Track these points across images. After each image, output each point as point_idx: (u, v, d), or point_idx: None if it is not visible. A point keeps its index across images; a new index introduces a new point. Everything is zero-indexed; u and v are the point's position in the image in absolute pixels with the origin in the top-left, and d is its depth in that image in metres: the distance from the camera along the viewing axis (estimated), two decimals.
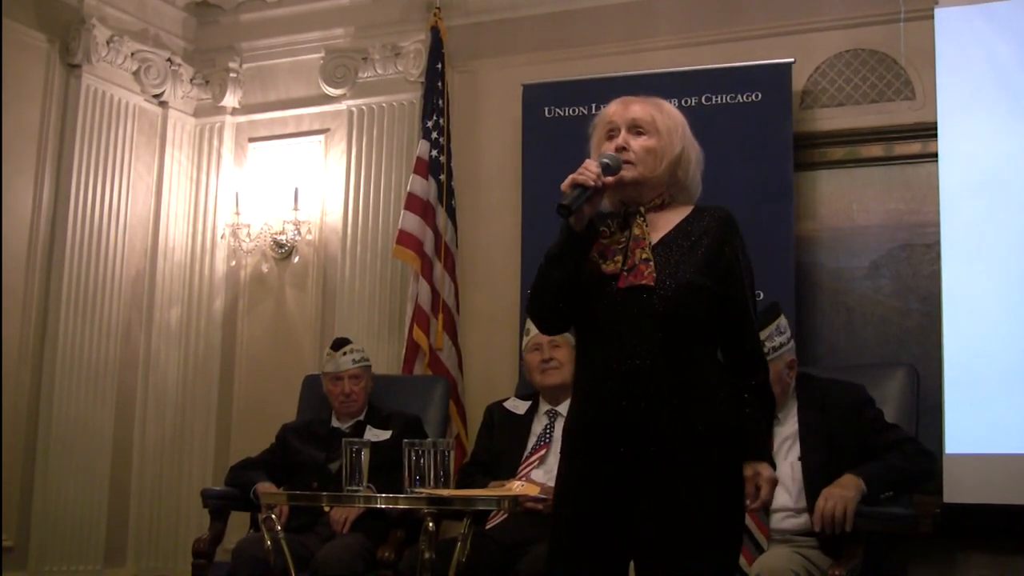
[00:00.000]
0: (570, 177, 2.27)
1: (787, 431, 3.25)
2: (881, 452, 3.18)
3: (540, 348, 3.77)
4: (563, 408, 3.67)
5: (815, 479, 3.12)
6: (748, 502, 2.28)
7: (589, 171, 2.27)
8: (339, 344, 4.23)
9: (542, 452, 3.67)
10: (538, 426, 3.79)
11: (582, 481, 2.32)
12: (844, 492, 3.00)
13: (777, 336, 3.26)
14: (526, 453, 3.72)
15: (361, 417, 4.13)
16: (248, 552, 3.64)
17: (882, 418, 3.27)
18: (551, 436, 3.69)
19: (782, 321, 3.31)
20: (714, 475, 2.24)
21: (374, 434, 3.94)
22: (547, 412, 3.80)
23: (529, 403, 3.88)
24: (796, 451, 3.21)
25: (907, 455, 3.18)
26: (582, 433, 2.34)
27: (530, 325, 3.76)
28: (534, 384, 3.86)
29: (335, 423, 4.14)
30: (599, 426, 2.29)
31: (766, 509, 2.34)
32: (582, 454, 2.33)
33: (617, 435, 2.26)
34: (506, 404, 3.94)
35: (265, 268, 5.68)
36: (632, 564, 2.31)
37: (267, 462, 4.07)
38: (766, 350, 3.11)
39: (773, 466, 2.30)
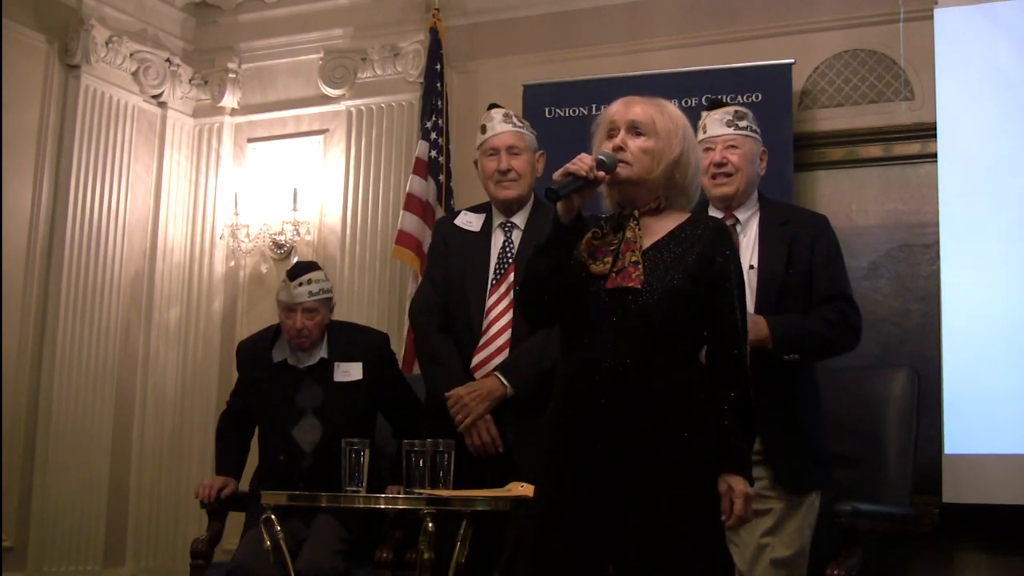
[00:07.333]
0: (563, 167, 2.32)
1: (746, 240, 3.13)
2: (815, 303, 3.07)
3: (497, 154, 3.47)
4: (519, 220, 3.48)
5: (769, 291, 3.03)
6: (724, 518, 2.28)
7: (582, 162, 2.31)
8: (297, 272, 3.84)
9: (510, 276, 3.38)
10: (496, 241, 3.49)
11: (561, 478, 2.33)
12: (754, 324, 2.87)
13: (753, 122, 3.19)
14: (490, 278, 3.43)
15: (324, 353, 3.83)
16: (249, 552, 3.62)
17: (834, 257, 3.14)
18: (512, 252, 3.42)
19: (751, 116, 3.21)
20: (692, 474, 2.26)
21: (343, 371, 3.78)
22: (501, 225, 3.51)
23: (483, 216, 3.54)
24: (752, 258, 3.09)
25: (830, 323, 3.05)
26: (561, 429, 2.36)
27: (485, 121, 3.53)
28: (488, 193, 3.54)
29: (292, 360, 3.85)
30: (578, 423, 2.31)
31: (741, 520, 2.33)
32: (561, 451, 2.35)
33: (596, 433, 2.28)
34: (457, 221, 3.58)
35: (264, 268, 5.68)
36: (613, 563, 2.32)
37: (238, 412, 3.98)
38: (744, 125, 3.13)
39: (751, 482, 2.31)
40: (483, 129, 3.54)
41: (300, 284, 3.78)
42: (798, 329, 3.02)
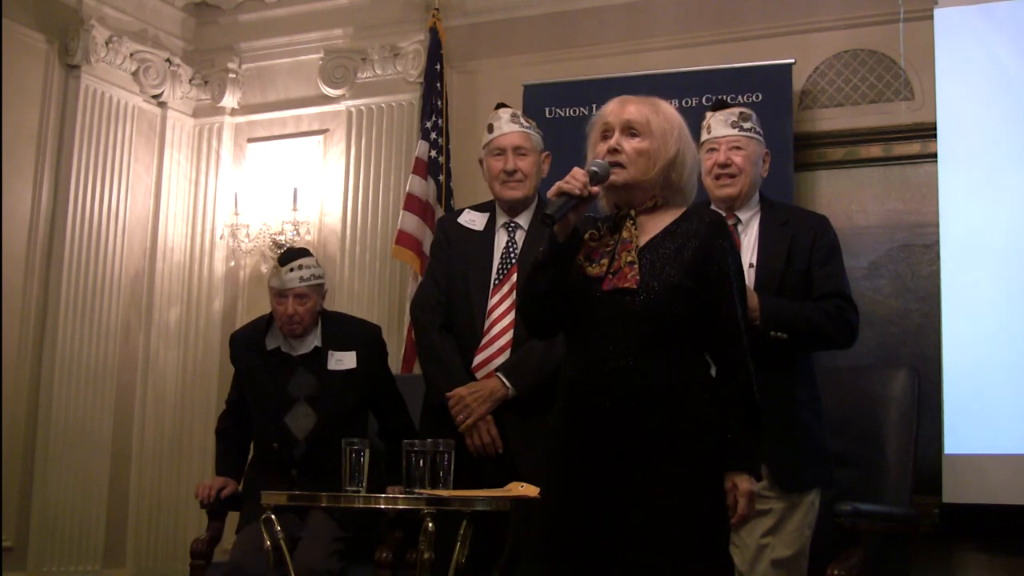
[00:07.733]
0: (556, 185, 2.29)
1: (747, 240, 3.15)
2: (813, 299, 3.08)
3: (503, 154, 3.46)
4: (523, 220, 3.47)
5: (767, 289, 3.04)
6: (729, 514, 2.28)
7: (576, 179, 2.28)
8: (288, 258, 3.82)
9: (513, 276, 3.37)
10: (499, 241, 3.48)
11: (566, 479, 2.33)
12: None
13: (757, 124, 3.20)
14: (493, 278, 3.42)
15: (318, 342, 3.82)
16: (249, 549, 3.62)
17: (833, 256, 3.15)
18: (515, 253, 3.41)
19: (755, 118, 3.23)
20: (695, 474, 2.25)
21: (337, 360, 3.78)
22: (505, 225, 3.50)
23: (487, 215, 3.54)
24: (752, 257, 3.11)
25: (826, 314, 3.05)
26: (566, 430, 2.36)
27: (493, 120, 3.54)
28: (493, 192, 3.54)
29: (285, 348, 3.83)
30: (583, 424, 2.30)
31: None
32: (565, 452, 2.34)
33: (601, 433, 2.27)
34: (461, 219, 3.58)
35: (264, 268, 5.68)
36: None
37: (236, 410, 3.96)
38: (748, 127, 3.14)
39: (758, 478, 2.31)
40: (490, 128, 3.55)
41: (291, 270, 3.76)
42: (790, 310, 3.02)
